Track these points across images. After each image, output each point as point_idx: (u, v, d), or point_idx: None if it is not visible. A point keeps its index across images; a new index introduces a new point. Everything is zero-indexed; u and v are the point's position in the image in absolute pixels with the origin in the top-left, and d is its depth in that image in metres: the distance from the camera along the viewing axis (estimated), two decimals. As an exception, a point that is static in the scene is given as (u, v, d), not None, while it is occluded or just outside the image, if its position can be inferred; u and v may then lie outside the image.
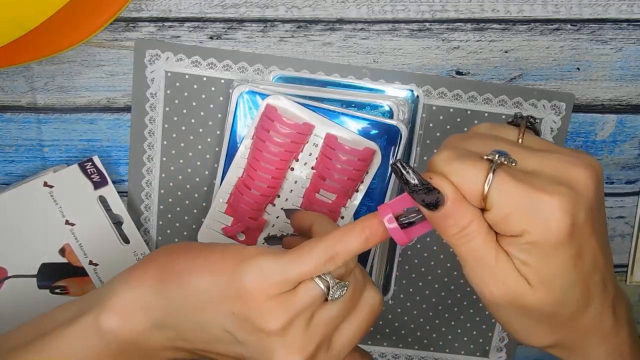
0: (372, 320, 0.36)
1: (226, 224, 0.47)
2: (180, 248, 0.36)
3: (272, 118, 0.45)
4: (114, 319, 0.35)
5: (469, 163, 0.30)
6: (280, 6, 0.46)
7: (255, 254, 0.34)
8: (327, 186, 0.45)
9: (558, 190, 0.29)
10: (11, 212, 0.47)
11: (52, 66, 0.47)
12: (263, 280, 0.33)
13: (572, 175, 0.30)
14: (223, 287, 0.34)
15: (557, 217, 0.29)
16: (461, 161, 0.30)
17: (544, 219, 0.29)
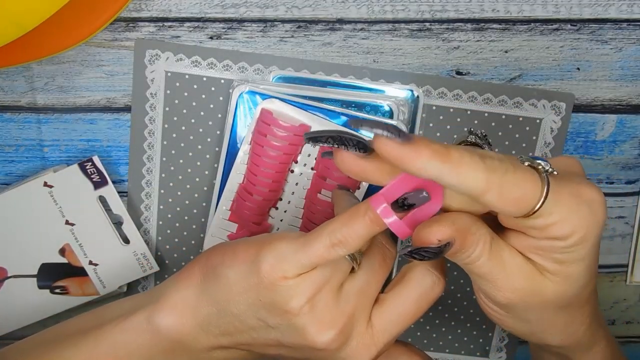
0: (424, 302, 0.34)
1: (231, 231, 0.47)
2: (216, 247, 0.37)
3: (268, 122, 0.45)
4: (165, 318, 0.36)
5: (521, 173, 0.29)
6: (280, 6, 0.46)
7: (272, 239, 0.34)
8: (328, 185, 0.45)
9: (587, 182, 0.30)
10: (11, 212, 0.47)
11: (52, 66, 0.47)
12: (280, 263, 0.33)
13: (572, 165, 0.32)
14: (248, 275, 0.34)
15: (602, 208, 0.30)
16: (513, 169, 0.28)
17: (593, 215, 0.30)
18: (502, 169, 0.28)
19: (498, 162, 0.28)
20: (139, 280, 0.51)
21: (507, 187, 0.28)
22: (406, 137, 0.27)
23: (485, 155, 0.28)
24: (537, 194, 0.28)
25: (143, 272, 0.49)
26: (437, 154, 0.27)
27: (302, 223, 0.47)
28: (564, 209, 0.29)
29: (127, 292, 0.51)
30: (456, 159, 0.27)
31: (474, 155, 0.28)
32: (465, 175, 0.27)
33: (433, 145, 0.27)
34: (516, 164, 0.29)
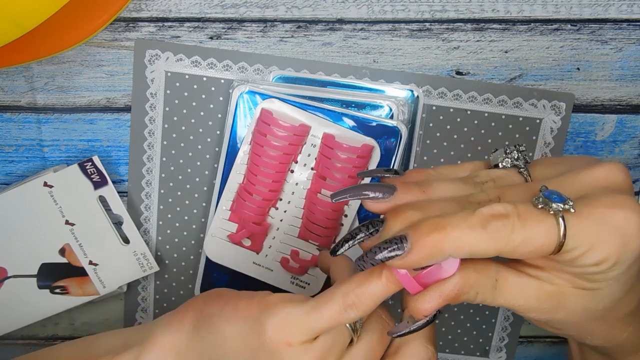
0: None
1: (231, 231, 0.47)
2: (214, 294, 0.36)
3: (268, 122, 0.45)
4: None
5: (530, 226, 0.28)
6: (280, 6, 0.46)
7: (279, 301, 0.33)
8: (328, 186, 0.45)
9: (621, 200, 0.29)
10: (11, 212, 0.47)
11: (52, 66, 0.47)
12: (285, 328, 0.32)
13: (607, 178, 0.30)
14: (248, 334, 0.33)
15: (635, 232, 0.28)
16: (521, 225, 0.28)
17: (624, 240, 0.28)
18: (509, 230, 0.27)
19: (502, 223, 0.28)
20: (139, 280, 0.51)
21: (517, 246, 0.28)
22: (401, 247, 0.28)
23: (489, 219, 0.28)
24: (553, 241, 0.28)
25: (143, 272, 0.49)
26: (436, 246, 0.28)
27: (302, 223, 0.47)
28: (589, 240, 0.28)
29: (127, 291, 0.51)
30: (455, 239, 0.28)
31: (475, 225, 0.28)
32: (469, 249, 0.28)
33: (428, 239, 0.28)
34: (526, 216, 0.28)
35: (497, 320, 0.51)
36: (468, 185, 0.32)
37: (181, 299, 0.51)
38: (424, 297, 0.30)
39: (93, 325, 0.53)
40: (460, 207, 0.30)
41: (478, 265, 0.31)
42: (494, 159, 0.33)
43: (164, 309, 0.51)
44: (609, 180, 0.30)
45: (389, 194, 0.31)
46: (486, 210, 0.28)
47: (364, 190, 0.32)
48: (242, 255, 0.48)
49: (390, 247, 0.28)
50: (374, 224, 0.31)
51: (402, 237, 0.28)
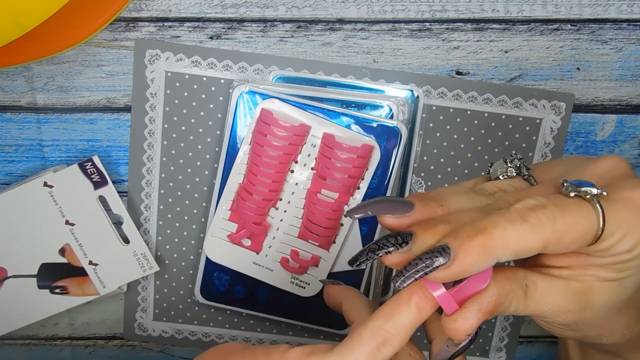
0: None
1: (231, 231, 0.47)
2: (227, 350, 0.34)
3: (268, 122, 0.45)
4: None
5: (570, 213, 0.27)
6: (280, 6, 0.46)
7: (301, 356, 0.30)
8: (328, 186, 0.45)
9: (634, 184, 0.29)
10: (11, 212, 0.47)
11: (52, 66, 0.47)
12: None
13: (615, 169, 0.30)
14: None
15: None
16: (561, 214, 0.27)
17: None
18: (550, 219, 0.27)
19: (542, 213, 0.27)
20: (139, 280, 0.51)
21: (562, 235, 0.27)
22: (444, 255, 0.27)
23: (527, 211, 0.27)
24: (594, 226, 0.28)
25: (143, 272, 0.49)
26: (482, 250, 0.27)
27: (302, 223, 0.47)
28: (624, 224, 0.28)
29: (127, 291, 0.51)
30: (501, 240, 0.27)
31: (516, 220, 0.27)
32: (516, 248, 0.27)
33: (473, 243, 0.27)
34: (562, 204, 0.28)
35: (497, 320, 0.51)
36: (480, 196, 0.31)
37: (181, 299, 0.51)
38: (462, 314, 0.29)
39: (93, 325, 0.53)
40: (486, 213, 0.29)
41: (508, 273, 0.30)
42: (493, 172, 0.33)
43: (164, 309, 0.51)
44: (618, 170, 0.30)
45: (407, 209, 0.30)
46: (520, 205, 0.28)
47: (381, 205, 0.30)
48: (242, 255, 0.48)
49: (433, 256, 0.27)
50: (403, 236, 0.29)
51: (444, 247, 0.27)
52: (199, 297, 0.50)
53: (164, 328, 0.52)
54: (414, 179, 0.49)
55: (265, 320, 0.51)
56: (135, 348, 0.54)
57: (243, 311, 0.51)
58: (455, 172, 0.48)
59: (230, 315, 0.51)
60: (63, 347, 0.54)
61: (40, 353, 0.54)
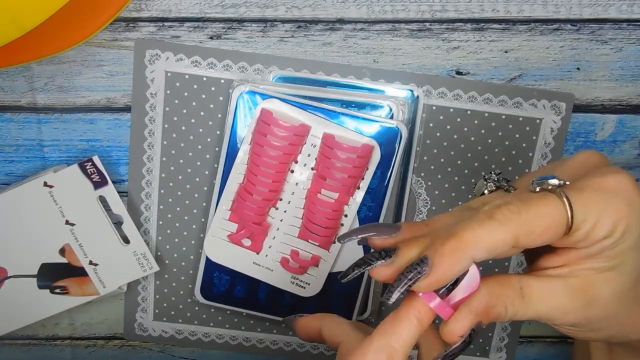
0: None
1: (231, 231, 0.47)
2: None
3: (268, 122, 0.45)
4: None
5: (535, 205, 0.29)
6: (280, 6, 0.46)
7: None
8: (328, 186, 0.45)
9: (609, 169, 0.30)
10: (11, 212, 0.47)
11: (52, 66, 0.47)
12: None
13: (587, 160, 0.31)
14: None
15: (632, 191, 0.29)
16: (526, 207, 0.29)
17: (626, 201, 0.29)
18: (515, 213, 0.28)
19: (507, 209, 0.28)
20: (139, 280, 0.51)
21: (530, 227, 0.28)
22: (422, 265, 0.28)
23: (493, 210, 0.29)
24: (562, 215, 0.29)
25: (143, 272, 0.49)
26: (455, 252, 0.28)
27: (302, 223, 0.47)
28: (595, 209, 0.29)
29: (127, 291, 0.51)
30: (472, 239, 0.28)
31: (483, 219, 0.28)
32: (487, 245, 0.28)
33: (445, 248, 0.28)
34: (526, 198, 0.29)
35: (497, 320, 0.51)
36: (465, 212, 0.32)
37: (181, 299, 0.51)
38: (454, 316, 0.30)
39: (93, 325, 0.53)
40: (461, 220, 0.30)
41: (499, 277, 0.31)
42: (477, 190, 0.34)
43: (164, 309, 0.51)
44: (590, 161, 0.31)
45: (394, 232, 0.32)
46: (488, 206, 0.29)
47: (370, 230, 0.32)
48: (242, 255, 0.48)
49: (413, 269, 0.29)
50: (386, 251, 0.31)
51: (422, 258, 0.29)
52: (199, 297, 0.50)
53: (164, 328, 0.52)
54: (414, 179, 0.49)
55: (265, 320, 0.51)
56: (136, 348, 0.54)
57: (243, 311, 0.51)
58: (455, 172, 0.48)
59: (230, 315, 0.51)
60: (63, 347, 0.54)
61: (40, 353, 0.54)
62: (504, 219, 0.28)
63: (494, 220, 0.28)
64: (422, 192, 0.49)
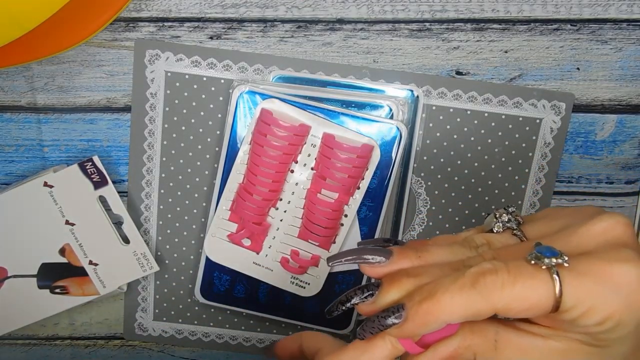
0: None
1: (231, 231, 0.47)
2: None
3: (268, 122, 0.45)
4: None
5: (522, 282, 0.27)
6: (280, 6, 0.46)
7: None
8: (328, 186, 0.45)
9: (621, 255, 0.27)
10: (11, 212, 0.47)
11: (52, 66, 0.47)
12: None
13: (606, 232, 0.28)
14: None
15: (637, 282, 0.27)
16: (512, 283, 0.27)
17: (626, 299, 0.27)
18: (498, 286, 0.27)
19: (491, 280, 0.27)
20: (139, 280, 0.51)
21: (511, 302, 0.27)
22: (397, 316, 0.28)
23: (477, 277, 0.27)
24: (549, 297, 0.27)
25: (143, 272, 0.49)
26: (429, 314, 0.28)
27: (302, 223, 0.47)
28: (589, 299, 0.27)
29: (127, 291, 0.51)
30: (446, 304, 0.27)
31: (464, 285, 0.27)
32: (462, 312, 0.27)
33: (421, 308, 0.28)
34: (516, 272, 0.27)
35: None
36: (465, 248, 0.31)
37: (181, 299, 0.51)
38: (421, 357, 0.30)
39: (93, 325, 0.53)
40: (453, 271, 0.29)
41: (475, 326, 0.30)
42: (487, 224, 0.33)
43: (164, 309, 0.51)
44: (609, 233, 0.28)
45: (385, 258, 0.31)
46: (474, 269, 0.28)
47: (360, 254, 0.32)
48: (242, 255, 0.48)
49: (388, 315, 0.29)
50: (369, 288, 0.31)
51: (399, 306, 0.29)
52: (199, 297, 0.50)
53: (164, 328, 0.52)
54: (414, 179, 0.49)
55: (265, 320, 0.51)
56: (135, 348, 0.54)
57: (243, 311, 0.51)
58: (455, 172, 0.48)
59: (230, 315, 0.51)
60: (63, 347, 0.54)
61: (40, 353, 0.54)
62: (486, 291, 0.27)
63: (475, 291, 0.27)
64: (422, 192, 0.49)
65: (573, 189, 0.50)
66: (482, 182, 0.49)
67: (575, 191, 0.50)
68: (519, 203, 0.49)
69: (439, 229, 0.49)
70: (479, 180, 0.49)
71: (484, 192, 0.49)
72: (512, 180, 0.49)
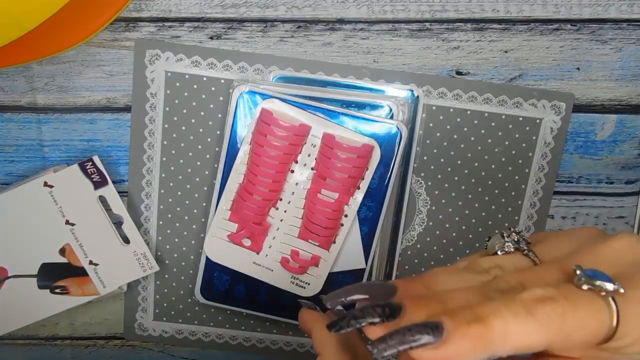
0: None
1: (231, 231, 0.47)
2: None
3: (268, 122, 0.45)
4: None
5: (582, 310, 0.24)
6: (280, 6, 0.46)
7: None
8: (328, 186, 0.45)
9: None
10: (11, 212, 0.47)
11: (52, 66, 0.47)
12: None
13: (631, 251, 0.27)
14: None
15: None
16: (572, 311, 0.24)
17: None
18: (560, 315, 0.24)
19: (551, 308, 0.24)
20: (139, 280, 0.51)
21: (570, 334, 0.24)
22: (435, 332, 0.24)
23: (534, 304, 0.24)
24: (606, 326, 0.25)
25: (143, 272, 0.49)
26: (479, 339, 0.24)
27: (302, 223, 0.47)
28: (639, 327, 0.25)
29: (127, 291, 0.51)
30: (500, 330, 0.24)
31: (521, 312, 0.24)
32: (516, 343, 0.24)
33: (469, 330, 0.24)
34: (574, 298, 0.25)
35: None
36: (473, 273, 0.28)
37: (181, 299, 0.51)
38: None
39: (93, 325, 0.53)
40: (484, 296, 0.26)
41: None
42: (491, 247, 0.30)
43: (164, 309, 0.51)
44: (633, 253, 0.27)
45: (389, 295, 0.27)
46: (527, 295, 0.24)
47: (361, 292, 0.28)
48: (242, 255, 0.48)
49: (423, 331, 0.24)
50: (391, 308, 0.26)
51: (437, 324, 0.24)
52: (199, 297, 0.50)
53: (164, 328, 0.52)
54: (414, 179, 0.49)
55: (265, 320, 0.51)
56: (136, 348, 0.54)
57: (243, 311, 0.51)
58: (455, 172, 0.48)
59: (230, 315, 0.51)
60: (63, 347, 0.54)
61: (40, 353, 0.54)
62: (546, 319, 0.24)
63: (533, 318, 0.24)
64: (422, 192, 0.49)
65: (573, 189, 0.50)
66: (482, 182, 0.49)
67: (575, 191, 0.50)
68: (519, 203, 0.49)
69: (439, 229, 0.50)
70: (479, 180, 0.49)
71: (484, 192, 0.49)
72: (512, 180, 0.49)
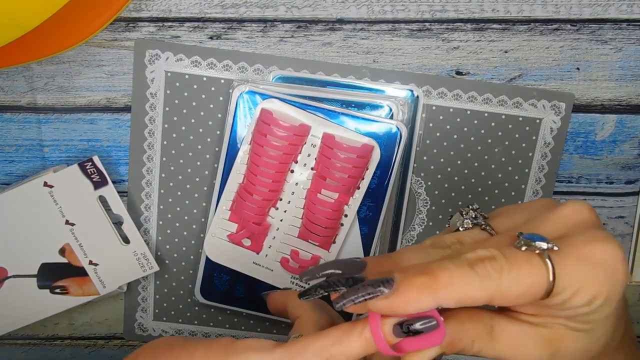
0: None
1: (231, 231, 0.47)
2: (164, 345, 0.33)
3: (268, 122, 0.45)
4: None
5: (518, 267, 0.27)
6: (280, 6, 0.46)
7: (243, 349, 0.30)
8: (328, 186, 0.45)
9: (598, 235, 0.28)
10: (11, 212, 0.47)
11: (52, 66, 0.47)
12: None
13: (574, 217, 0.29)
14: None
15: (619, 266, 0.28)
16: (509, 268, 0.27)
17: (610, 275, 0.28)
18: (497, 271, 0.27)
19: (490, 265, 0.27)
20: (139, 280, 0.51)
21: (508, 289, 0.27)
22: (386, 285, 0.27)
23: (476, 261, 0.27)
24: (543, 281, 0.27)
25: (143, 272, 0.49)
26: (425, 288, 0.27)
27: (302, 223, 0.47)
28: (577, 279, 0.27)
29: (127, 291, 0.51)
30: (446, 282, 0.27)
31: (463, 267, 0.27)
32: (458, 295, 0.27)
33: (416, 280, 0.27)
34: (512, 257, 0.27)
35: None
36: (436, 249, 0.31)
37: (181, 299, 0.51)
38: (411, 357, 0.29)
39: (93, 325, 0.53)
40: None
41: (472, 312, 0.30)
42: (453, 224, 0.33)
43: (164, 309, 0.51)
44: (578, 218, 0.30)
45: (359, 270, 0.31)
46: (472, 254, 0.28)
47: (333, 268, 0.31)
48: (242, 255, 0.48)
49: (376, 285, 0.27)
50: (354, 278, 0.30)
51: (389, 278, 0.27)
52: (199, 297, 0.50)
53: (164, 328, 0.52)
54: (414, 179, 0.49)
55: (265, 320, 0.51)
56: (136, 348, 0.54)
57: (243, 311, 0.51)
58: (455, 172, 0.48)
59: (230, 315, 0.51)
60: (63, 347, 0.54)
61: (40, 353, 0.54)
62: (485, 274, 0.27)
63: (474, 273, 0.27)
64: (422, 192, 0.49)
65: (573, 189, 0.50)
66: (482, 182, 0.49)
67: (575, 191, 0.50)
68: (518, 203, 0.49)
69: (439, 229, 0.50)
70: (479, 180, 0.49)
71: (484, 192, 0.49)
72: (512, 180, 0.49)
